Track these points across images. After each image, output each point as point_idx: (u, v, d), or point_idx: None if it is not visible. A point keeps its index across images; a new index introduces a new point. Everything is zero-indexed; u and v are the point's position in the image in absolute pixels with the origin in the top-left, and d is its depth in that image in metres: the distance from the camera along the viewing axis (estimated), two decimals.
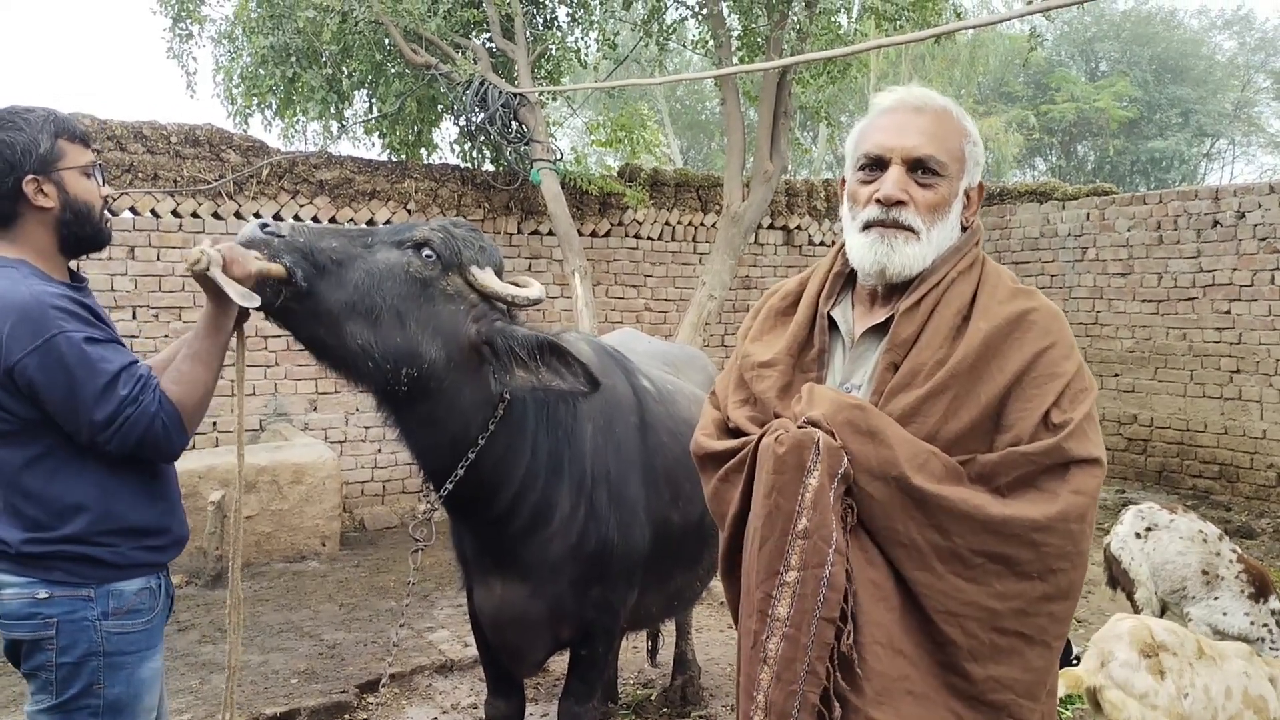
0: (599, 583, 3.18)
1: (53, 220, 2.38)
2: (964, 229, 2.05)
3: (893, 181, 1.95)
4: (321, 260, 2.56)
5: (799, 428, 1.89)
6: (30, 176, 2.33)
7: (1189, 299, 9.70)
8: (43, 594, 2.31)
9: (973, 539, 1.81)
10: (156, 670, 2.51)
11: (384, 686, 4.91)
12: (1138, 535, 5.06)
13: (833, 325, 2.11)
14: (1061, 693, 3.64)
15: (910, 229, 1.95)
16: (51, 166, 2.35)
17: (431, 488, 2.94)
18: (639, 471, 3.27)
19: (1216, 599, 4.83)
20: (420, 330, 2.66)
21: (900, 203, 1.94)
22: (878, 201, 1.96)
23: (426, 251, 2.69)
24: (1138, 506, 5.27)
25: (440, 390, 2.72)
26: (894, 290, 2.02)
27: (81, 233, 2.43)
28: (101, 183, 2.48)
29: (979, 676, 1.82)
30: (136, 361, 2.34)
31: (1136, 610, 4.83)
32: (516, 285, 2.85)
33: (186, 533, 2.60)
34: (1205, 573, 4.85)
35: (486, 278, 2.76)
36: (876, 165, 1.99)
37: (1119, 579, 5.09)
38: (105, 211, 2.49)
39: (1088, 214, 10.62)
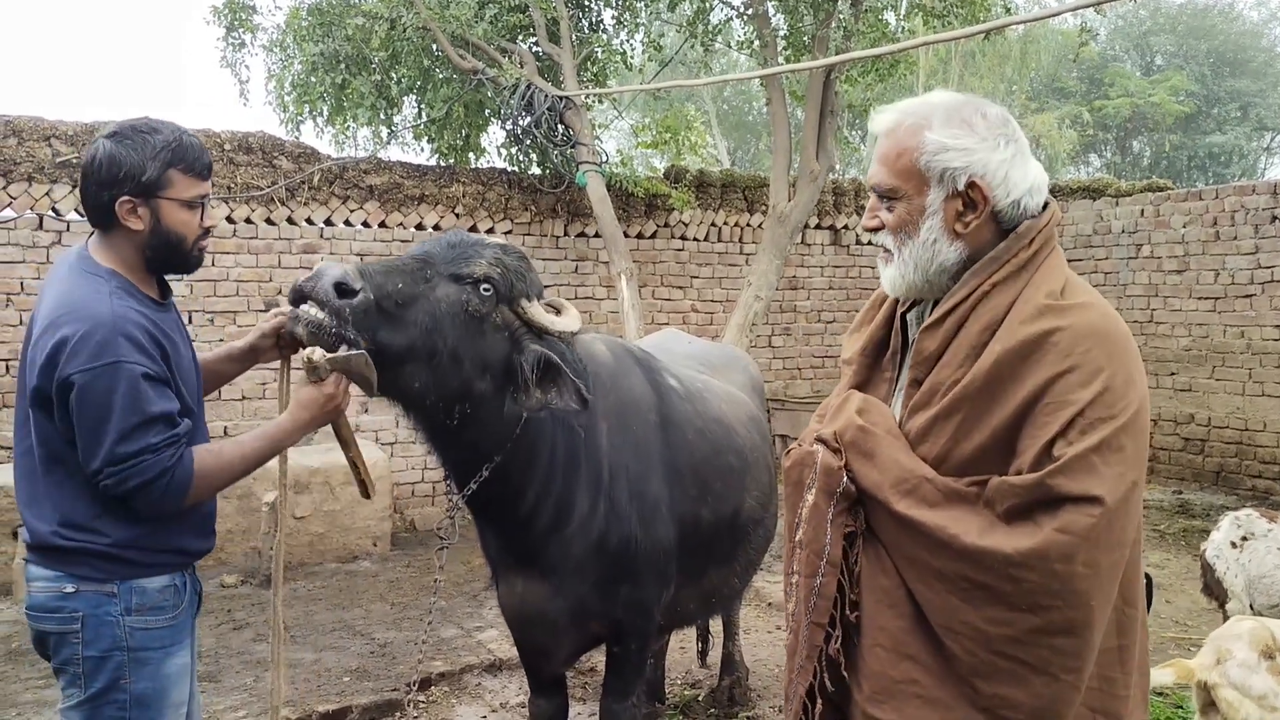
0: (627, 580, 3.19)
1: (140, 241, 2.43)
2: (963, 237, 1.94)
3: (868, 211, 2.04)
4: (387, 306, 2.50)
5: (811, 444, 1.99)
6: (125, 198, 2.37)
7: (1247, 296, 9.49)
8: (69, 588, 2.36)
9: (951, 564, 1.81)
10: (183, 666, 2.54)
11: (409, 685, 4.97)
12: (1233, 544, 4.86)
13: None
14: (1170, 680, 3.59)
15: (887, 249, 2.01)
16: (152, 193, 2.39)
17: (454, 488, 2.98)
18: (661, 468, 3.28)
19: None
20: (474, 367, 2.69)
21: (878, 228, 2.01)
22: None
23: (485, 287, 2.68)
24: (1235, 513, 5.07)
25: (484, 417, 2.77)
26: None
27: (167, 258, 2.49)
28: (203, 216, 2.49)
29: (985, 692, 1.80)
30: (175, 412, 2.35)
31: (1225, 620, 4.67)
32: (555, 313, 2.87)
33: (206, 545, 2.61)
34: None
35: (535, 311, 2.79)
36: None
37: (1212, 588, 4.92)
38: (200, 242, 2.52)
39: (1142, 210, 10.43)
